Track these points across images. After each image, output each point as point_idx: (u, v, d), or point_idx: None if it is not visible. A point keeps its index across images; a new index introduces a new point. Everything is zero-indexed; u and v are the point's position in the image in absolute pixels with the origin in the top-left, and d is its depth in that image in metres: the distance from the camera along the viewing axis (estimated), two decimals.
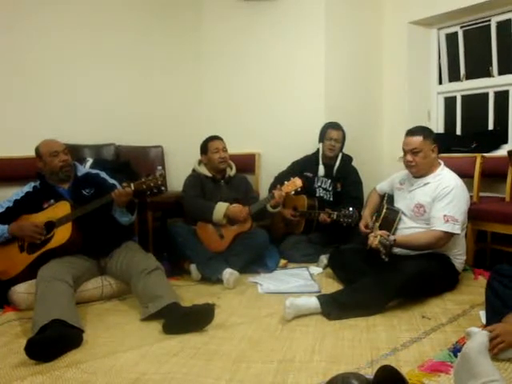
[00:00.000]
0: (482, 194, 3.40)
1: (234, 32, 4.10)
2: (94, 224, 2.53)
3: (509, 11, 3.64)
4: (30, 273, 2.38)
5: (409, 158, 2.60)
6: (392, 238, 2.43)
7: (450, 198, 2.49)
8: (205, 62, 4.19)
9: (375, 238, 2.37)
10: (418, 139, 2.57)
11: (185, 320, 2.10)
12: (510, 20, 3.67)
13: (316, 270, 3.13)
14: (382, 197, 2.99)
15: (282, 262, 3.25)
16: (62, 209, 2.49)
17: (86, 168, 3.04)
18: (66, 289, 2.21)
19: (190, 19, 4.13)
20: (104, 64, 3.69)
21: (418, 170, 2.63)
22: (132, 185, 2.50)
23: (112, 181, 2.77)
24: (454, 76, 4.19)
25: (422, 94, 4.25)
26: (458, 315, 2.28)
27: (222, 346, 1.98)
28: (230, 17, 4.11)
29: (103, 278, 2.60)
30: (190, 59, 4.16)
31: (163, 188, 2.55)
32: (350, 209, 3.06)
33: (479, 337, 1.54)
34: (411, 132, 2.63)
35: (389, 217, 2.67)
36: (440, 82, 4.28)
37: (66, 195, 2.61)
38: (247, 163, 3.99)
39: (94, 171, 2.83)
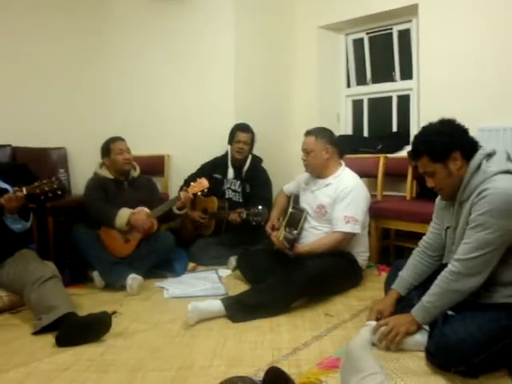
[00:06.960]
0: (385, 193, 3.54)
1: (140, 30, 3.95)
2: None
3: (408, 21, 3.83)
4: None
5: (302, 156, 2.71)
6: (295, 232, 2.46)
7: (349, 199, 2.56)
8: (110, 60, 3.98)
9: (280, 234, 2.39)
10: (310, 139, 2.68)
11: (79, 330, 1.98)
12: (409, 30, 3.86)
13: (225, 272, 3.09)
14: (289, 198, 3.03)
15: (191, 265, 3.18)
16: None
17: None
18: None
19: (93, 15, 3.90)
20: None
21: (310, 170, 2.73)
22: (24, 189, 2.33)
23: (4, 185, 2.55)
24: (361, 80, 4.34)
25: (331, 97, 4.37)
26: (360, 311, 2.34)
27: (119, 355, 1.88)
28: (134, 14, 3.96)
29: None
30: (93, 56, 3.92)
31: (60, 192, 2.40)
32: (260, 207, 3.05)
33: (363, 333, 1.59)
34: (307, 132, 2.73)
35: (295, 216, 2.71)
36: (348, 86, 4.41)
37: None
38: (156, 165, 3.88)
39: None
